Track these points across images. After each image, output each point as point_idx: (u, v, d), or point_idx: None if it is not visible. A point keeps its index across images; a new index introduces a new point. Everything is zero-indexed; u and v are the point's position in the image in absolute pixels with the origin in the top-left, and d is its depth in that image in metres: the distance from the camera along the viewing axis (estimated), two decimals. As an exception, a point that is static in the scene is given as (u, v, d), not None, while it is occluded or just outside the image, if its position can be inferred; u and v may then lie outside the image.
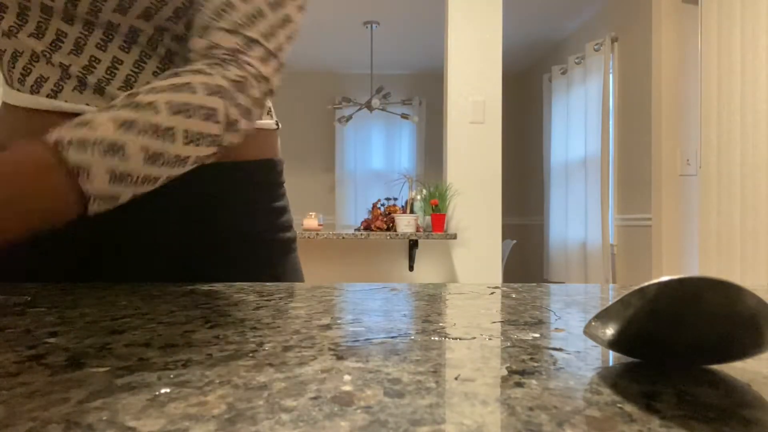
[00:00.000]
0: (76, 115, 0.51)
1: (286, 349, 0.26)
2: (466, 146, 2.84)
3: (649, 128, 3.00)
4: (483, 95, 2.84)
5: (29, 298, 0.42)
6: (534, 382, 0.20)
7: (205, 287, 0.49)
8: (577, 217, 3.79)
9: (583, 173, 3.71)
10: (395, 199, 3.20)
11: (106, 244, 0.56)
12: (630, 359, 0.24)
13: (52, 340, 0.27)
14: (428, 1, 3.71)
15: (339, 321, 0.33)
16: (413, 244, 2.80)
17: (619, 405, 0.18)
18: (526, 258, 5.12)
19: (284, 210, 0.65)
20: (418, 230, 2.77)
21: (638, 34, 3.13)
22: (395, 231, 2.76)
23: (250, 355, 0.24)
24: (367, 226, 2.95)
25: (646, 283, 0.19)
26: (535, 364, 0.23)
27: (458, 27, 2.85)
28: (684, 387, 0.20)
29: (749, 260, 2.29)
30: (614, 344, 0.24)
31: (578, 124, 3.77)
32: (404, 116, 4.39)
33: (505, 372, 0.22)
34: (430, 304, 0.40)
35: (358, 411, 0.17)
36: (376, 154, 5.40)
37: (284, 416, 0.16)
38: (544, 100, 4.44)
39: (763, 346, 0.21)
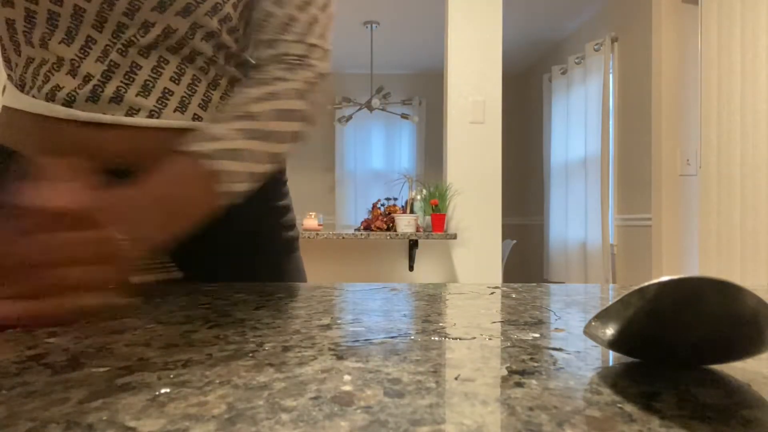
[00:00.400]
0: (90, 123, 0.52)
1: (286, 349, 0.25)
2: (466, 146, 2.84)
3: (649, 128, 3.00)
4: (483, 95, 2.84)
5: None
6: (534, 382, 0.20)
7: (205, 287, 0.49)
8: (577, 217, 3.79)
9: (583, 173, 3.71)
10: (395, 199, 3.20)
11: None
12: (630, 359, 0.24)
13: (52, 340, 0.27)
14: (428, 1, 3.71)
15: (339, 321, 0.33)
16: (413, 244, 2.80)
17: (619, 405, 0.18)
18: (526, 258, 5.12)
19: (287, 209, 0.65)
20: (418, 230, 2.77)
21: (638, 34, 3.13)
22: (395, 231, 2.76)
23: (250, 355, 0.24)
24: (367, 226, 2.95)
25: (646, 283, 0.19)
26: (535, 364, 0.23)
27: (458, 27, 2.85)
28: (684, 387, 0.20)
29: (749, 260, 2.29)
30: (614, 344, 0.24)
31: (578, 124, 3.77)
32: (404, 116, 4.39)
33: (505, 372, 0.22)
34: (430, 304, 0.40)
35: (358, 411, 0.17)
36: (376, 154, 5.40)
37: (284, 416, 0.16)
38: (544, 100, 4.44)
39: (763, 346, 0.21)
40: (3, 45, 0.56)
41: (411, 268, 2.87)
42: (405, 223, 2.69)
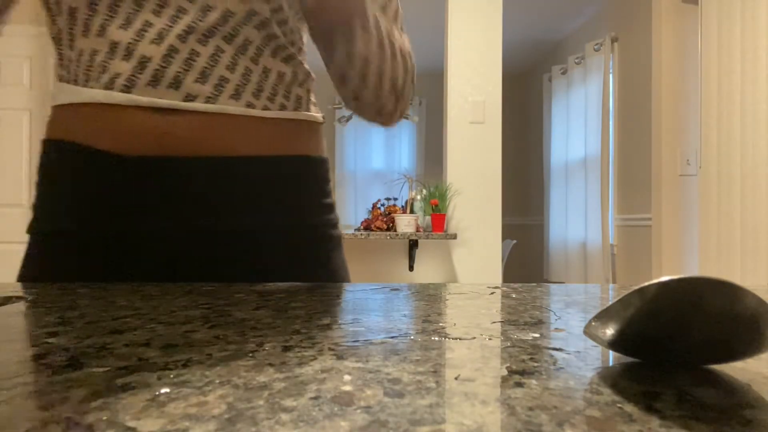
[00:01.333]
0: (150, 108, 0.53)
1: (286, 349, 0.26)
2: (466, 146, 2.84)
3: (649, 128, 3.00)
4: (483, 95, 2.84)
5: (29, 298, 0.42)
6: (534, 382, 0.20)
7: (205, 287, 0.49)
8: (577, 217, 3.79)
9: (583, 173, 3.71)
10: (395, 199, 3.20)
11: (173, 247, 0.56)
12: (630, 359, 0.24)
13: (52, 340, 0.27)
14: (428, 1, 3.71)
15: (339, 321, 0.33)
16: (413, 244, 2.80)
17: (619, 405, 0.18)
18: (526, 258, 5.12)
19: (333, 207, 0.67)
20: (418, 230, 2.77)
21: (638, 34, 3.13)
22: (395, 231, 2.75)
23: (250, 355, 0.24)
24: (367, 226, 2.95)
25: (646, 283, 0.19)
26: (535, 364, 0.23)
27: (458, 27, 2.85)
28: (684, 387, 0.20)
29: (749, 260, 2.29)
30: (614, 344, 0.24)
31: (578, 124, 3.77)
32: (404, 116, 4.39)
33: (505, 372, 0.22)
34: (430, 304, 0.40)
35: (358, 411, 0.17)
36: (376, 154, 5.40)
37: (284, 416, 0.16)
38: (544, 100, 4.44)
39: (763, 346, 0.21)
40: (55, 43, 0.57)
41: (411, 268, 2.87)
42: (405, 223, 2.69)
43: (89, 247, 0.56)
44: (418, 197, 2.94)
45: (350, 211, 5.31)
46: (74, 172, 0.56)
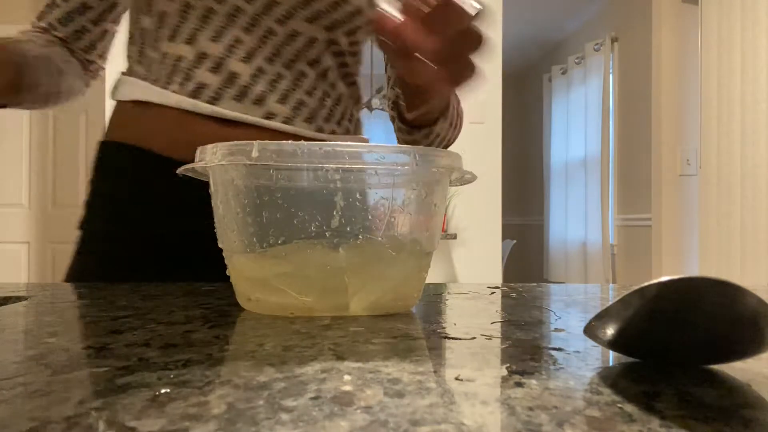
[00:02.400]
0: (234, 122, 0.55)
1: (286, 349, 0.26)
2: (466, 146, 2.84)
3: (649, 128, 3.00)
4: (483, 95, 2.84)
5: (29, 298, 0.42)
6: (534, 382, 0.20)
7: (206, 287, 0.49)
8: (577, 217, 3.79)
9: (583, 173, 3.71)
10: (395, 199, 3.19)
11: None
12: (630, 359, 0.24)
13: (52, 340, 0.27)
14: (428, 1, 3.71)
15: (339, 321, 0.33)
16: (413, 244, 2.79)
17: (619, 405, 0.18)
18: (526, 258, 5.12)
19: None
20: (418, 230, 2.76)
21: (638, 34, 3.13)
22: (395, 231, 2.75)
23: (250, 355, 0.24)
24: (367, 226, 2.95)
25: (646, 283, 0.19)
26: (535, 364, 0.23)
27: (458, 27, 2.84)
28: (684, 387, 0.20)
29: (749, 260, 2.29)
30: (614, 344, 0.24)
31: (578, 124, 3.77)
32: (404, 116, 4.39)
33: (505, 372, 0.22)
34: (430, 304, 0.40)
35: (358, 411, 0.17)
36: (376, 154, 5.39)
37: (284, 416, 0.16)
38: (544, 100, 4.44)
39: (763, 346, 0.21)
40: (137, 40, 0.58)
41: (411, 268, 2.87)
42: (405, 223, 2.68)
43: (145, 247, 0.57)
44: (418, 197, 2.94)
45: (350, 211, 5.30)
46: (135, 173, 0.57)
